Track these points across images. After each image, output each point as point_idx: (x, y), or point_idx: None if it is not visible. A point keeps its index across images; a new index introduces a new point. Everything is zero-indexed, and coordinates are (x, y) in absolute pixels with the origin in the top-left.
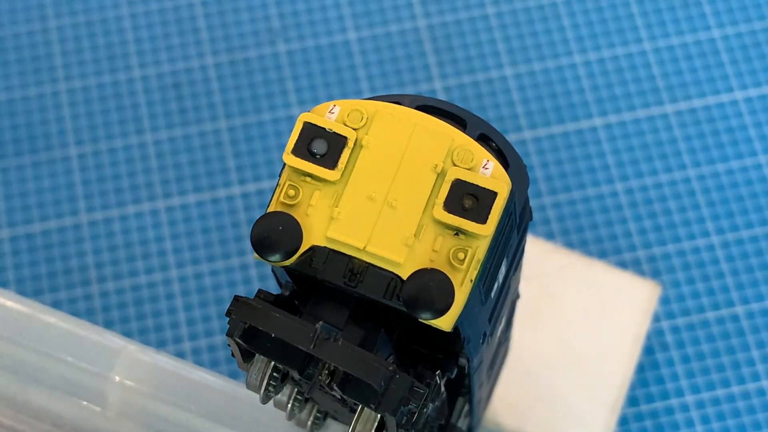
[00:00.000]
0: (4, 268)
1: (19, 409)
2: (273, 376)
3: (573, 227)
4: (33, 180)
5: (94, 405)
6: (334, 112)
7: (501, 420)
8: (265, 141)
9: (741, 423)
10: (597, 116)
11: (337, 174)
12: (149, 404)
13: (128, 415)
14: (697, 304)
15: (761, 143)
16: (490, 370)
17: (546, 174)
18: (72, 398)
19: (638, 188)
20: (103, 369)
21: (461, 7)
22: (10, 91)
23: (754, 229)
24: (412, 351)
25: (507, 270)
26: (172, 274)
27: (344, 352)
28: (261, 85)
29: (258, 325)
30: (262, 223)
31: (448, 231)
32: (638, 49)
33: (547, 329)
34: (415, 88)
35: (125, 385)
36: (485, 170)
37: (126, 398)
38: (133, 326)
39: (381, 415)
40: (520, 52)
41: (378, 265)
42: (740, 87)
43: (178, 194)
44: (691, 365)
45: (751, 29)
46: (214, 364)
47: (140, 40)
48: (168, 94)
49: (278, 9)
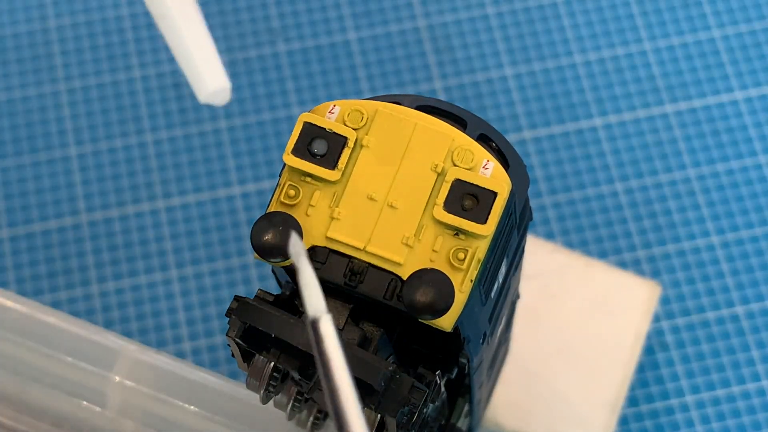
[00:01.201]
0: (4, 268)
1: (19, 409)
2: (273, 376)
3: (573, 227)
4: (33, 180)
5: (94, 405)
6: (334, 112)
7: (501, 420)
8: (265, 141)
9: (741, 423)
10: (597, 116)
11: (337, 174)
12: (149, 404)
13: (128, 415)
14: (697, 304)
15: (761, 143)
16: (490, 370)
17: (546, 174)
18: (72, 398)
19: (638, 188)
20: (103, 369)
21: (461, 7)
22: (10, 91)
23: (754, 229)
24: (412, 351)
25: (507, 270)
26: (172, 274)
27: (344, 353)
28: (261, 85)
29: (258, 325)
30: (262, 223)
31: (448, 231)
32: (638, 49)
33: (547, 329)
34: (415, 88)
35: (125, 385)
36: (485, 170)
37: (126, 398)
38: (133, 326)
39: (381, 415)
40: (520, 52)
41: (378, 265)
42: (740, 87)
43: (178, 194)
44: (691, 365)
45: (751, 29)
46: (214, 364)
47: (140, 40)
48: (168, 94)
49: (278, 9)
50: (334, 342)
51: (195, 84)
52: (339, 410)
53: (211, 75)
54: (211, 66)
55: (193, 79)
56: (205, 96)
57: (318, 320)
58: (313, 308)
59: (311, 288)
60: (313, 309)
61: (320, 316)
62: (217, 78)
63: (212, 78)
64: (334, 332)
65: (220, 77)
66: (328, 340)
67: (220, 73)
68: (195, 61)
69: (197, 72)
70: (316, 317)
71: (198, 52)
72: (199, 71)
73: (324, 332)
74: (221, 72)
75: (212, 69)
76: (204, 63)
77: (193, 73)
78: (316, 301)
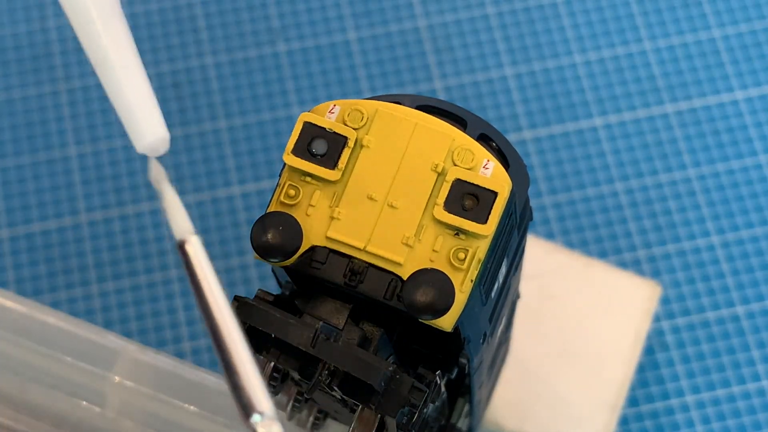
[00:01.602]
0: (4, 268)
1: (19, 409)
2: (273, 376)
3: (573, 227)
4: (33, 180)
5: (94, 405)
6: (334, 112)
7: (501, 420)
8: (265, 141)
9: (741, 423)
10: (597, 116)
11: (337, 174)
12: (149, 404)
13: (128, 415)
14: (697, 304)
15: (761, 143)
16: (490, 370)
17: (546, 174)
18: (72, 398)
19: (638, 188)
20: (103, 369)
21: (461, 7)
22: (10, 91)
23: (755, 229)
24: (412, 351)
25: (507, 270)
26: (172, 274)
27: (344, 353)
28: (261, 85)
29: (258, 325)
30: (262, 223)
31: (448, 231)
32: (638, 48)
33: (547, 329)
34: (415, 88)
35: (125, 385)
36: (485, 170)
37: (126, 398)
38: (133, 326)
39: (381, 415)
40: (520, 52)
41: (378, 265)
42: (741, 87)
43: (178, 194)
44: (691, 365)
45: (751, 29)
46: (214, 364)
47: (140, 40)
48: (168, 94)
49: (278, 9)
50: (204, 261)
51: (132, 134)
52: (216, 330)
53: (149, 126)
54: (149, 116)
55: (131, 129)
56: (141, 147)
57: (185, 242)
58: (179, 230)
59: (175, 210)
60: (180, 230)
61: (187, 237)
62: (155, 129)
63: (150, 129)
64: (203, 252)
65: (158, 128)
66: (197, 261)
67: (159, 124)
68: (133, 110)
69: (135, 122)
70: (183, 239)
71: (136, 101)
72: (136, 121)
73: (192, 253)
74: (160, 122)
75: (150, 120)
76: (142, 113)
77: (130, 123)
78: (182, 223)
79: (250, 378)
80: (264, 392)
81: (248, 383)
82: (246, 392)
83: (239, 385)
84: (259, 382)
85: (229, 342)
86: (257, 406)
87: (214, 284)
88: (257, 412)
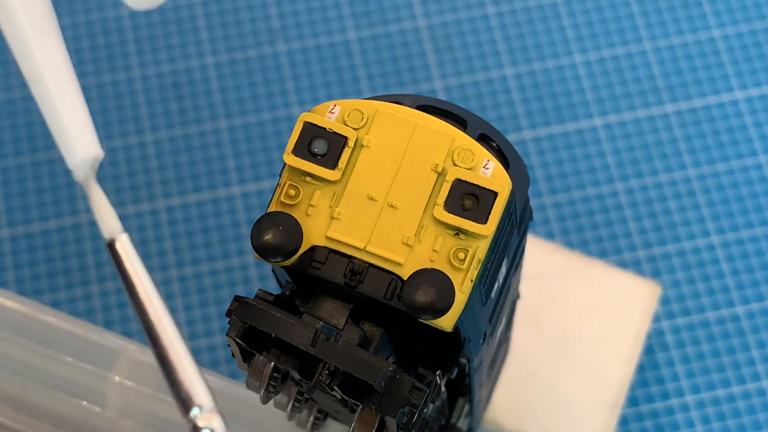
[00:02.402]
0: (4, 268)
1: (19, 409)
2: (273, 376)
3: (573, 227)
4: (33, 180)
5: (94, 405)
6: (334, 112)
7: (501, 420)
8: (265, 141)
9: (741, 423)
10: (597, 116)
11: (337, 174)
12: (149, 404)
13: (128, 415)
14: (697, 304)
15: (761, 143)
16: (491, 370)
17: (546, 174)
18: (72, 398)
19: (638, 188)
20: (103, 369)
21: (461, 7)
22: (10, 91)
23: (755, 229)
24: (412, 351)
25: (507, 270)
26: (172, 274)
27: (344, 352)
28: (261, 85)
29: (258, 325)
30: (262, 223)
31: (448, 231)
32: (638, 48)
33: (547, 329)
34: (415, 88)
35: (125, 385)
36: (485, 170)
37: (126, 398)
38: (133, 326)
39: (381, 415)
40: (520, 52)
41: (378, 265)
42: (741, 87)
43: (178, 194)
44: (691, 365)
45: (751, 29)
46: (214, 364)
47: (140, 40)
48: (168, 94)
49: (278, 9)
50: (135, 259)
51: (64, 151)
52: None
53: (81, 144)
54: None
55: (63, 147)
56: (72, 164)
57: (114, 241)
58: (107, 229)
59: (103, 209)
60: (108, 230)
61: (116, 236)
62: (88, 147)
63: (82, 147)
64: (133, 250)
65: (91, 146)
66: (128, 259)
67: (91, 142)
68: (65, 128)
69: (67, 140)
70: (112, 238)
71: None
72: (69, 139)
73: (122, 252)
74: (93, 141)
75: (83, 138)
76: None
77: (62, 141)
78: (110, 222)
79: (187, 372)
80: (202, 385)
81: (185, 377)
82: (184, 386)
83: (176, 380)
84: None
85: (163, 338)
86: (195, 399)
87: (146, 281)
88: (196, 406)
